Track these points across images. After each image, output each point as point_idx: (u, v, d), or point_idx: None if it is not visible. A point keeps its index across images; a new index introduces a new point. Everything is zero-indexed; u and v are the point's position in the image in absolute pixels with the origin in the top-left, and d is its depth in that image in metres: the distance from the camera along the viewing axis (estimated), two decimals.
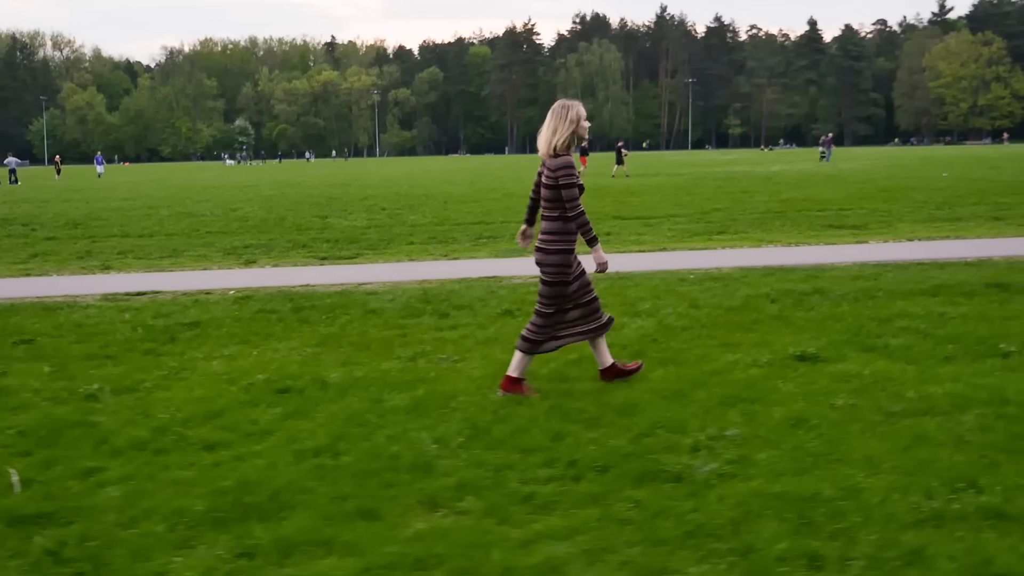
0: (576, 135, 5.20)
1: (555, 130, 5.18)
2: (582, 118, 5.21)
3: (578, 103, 5.29)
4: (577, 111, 5.21)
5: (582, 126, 5.21)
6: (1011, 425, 4.43)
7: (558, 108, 5.24)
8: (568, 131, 5.16)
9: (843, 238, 14.36)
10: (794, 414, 4.66)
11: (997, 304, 7.80)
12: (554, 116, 5.20)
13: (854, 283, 9.19)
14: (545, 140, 5.21)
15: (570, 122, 5.16)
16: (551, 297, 5.27)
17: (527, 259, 12.88)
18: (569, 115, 5.17)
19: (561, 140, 5.16)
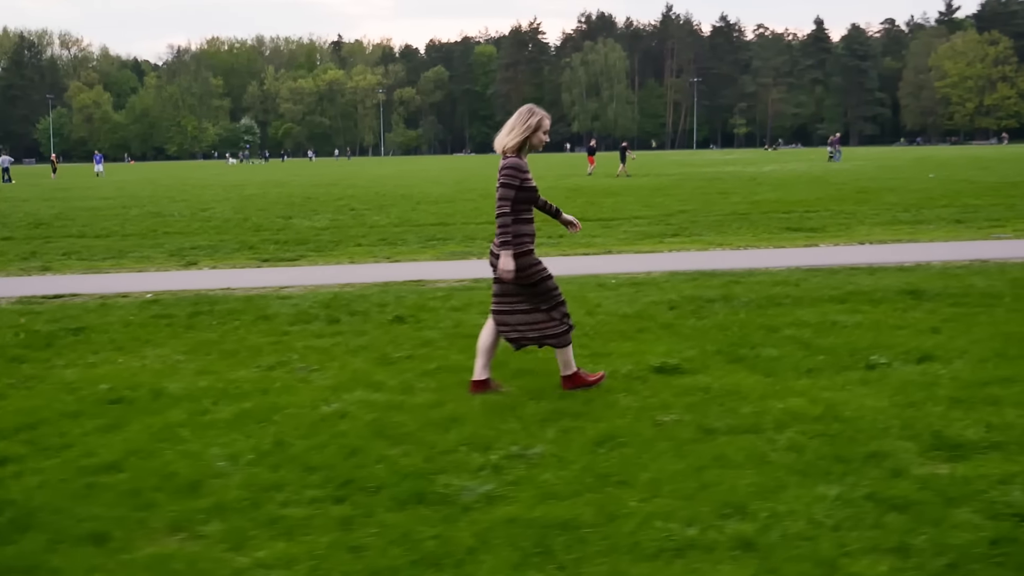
0: (530, 142, 5.19)
1: (511, 131, 5.18)
2: (542, 129, 5.20)
3: (544, 114, 5.26)
4: (539, 120, 5.19)
5: (538, 136, 5.20)
6: (824, 444, 4.26)
7: (524, 111, 5.24)
8: (522, 135, 5.15)
9: (795, 241, 14.17)
10: (609, 431, 4.49)
11: (900, 312, 7.61)
12: (516, 118, 5.21)
13: (770, 289, 9.01)
14: (499, 139, 5.22)
15: (527, 128, 5.15)
16: (545, 293, 5.24)
17: (461, 262, 12.78)
18: (529, 121, 5.16)
19: (513, 143, 5.15)
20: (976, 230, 15.10)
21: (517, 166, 5.11)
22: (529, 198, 5.20)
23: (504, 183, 5.08)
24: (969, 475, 3.84)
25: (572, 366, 5.35)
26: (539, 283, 5.24)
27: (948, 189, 24.33)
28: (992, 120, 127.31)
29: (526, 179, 5.15)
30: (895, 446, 4.22)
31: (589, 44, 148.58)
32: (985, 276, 9.53)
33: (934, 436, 4.31)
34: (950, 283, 9.08)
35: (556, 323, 5.26)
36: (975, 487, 3.69)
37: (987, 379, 5.36)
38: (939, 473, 3.89)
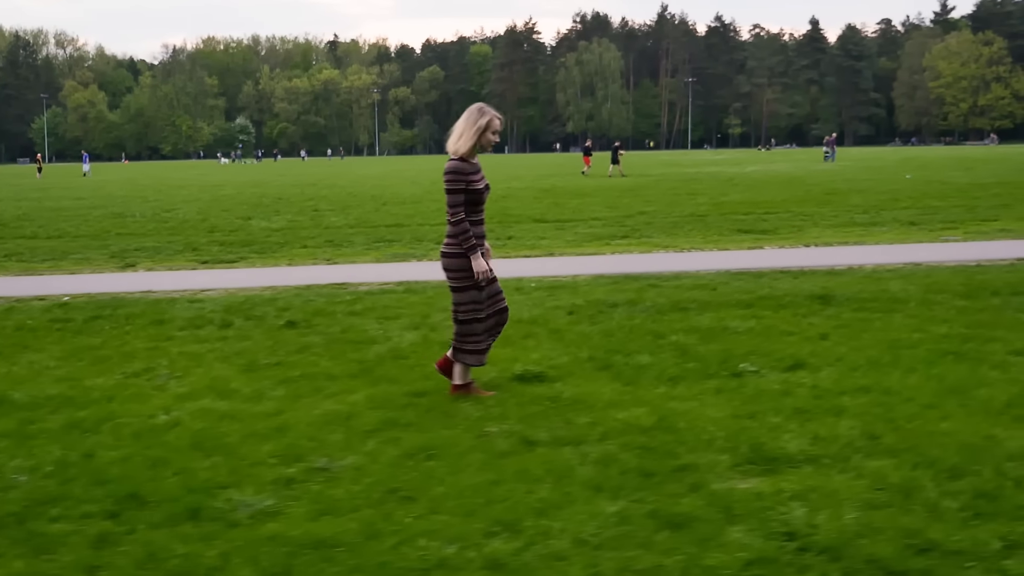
0: (479, 143, 5.12)
1: (461, 133, 5.11)
2: (491, 129, 5.13)
3: (494, 115, 5.18)
4: (489, 121, 5.12)
5: (487, 137, 5.13)
6: (637, 458, 4.15)
7: (473, 111, 5.17)
8: (473, 137, 5.07)
9: (742, 243, 14.07)
10: (427, 443, 4.39)
11: (799, 317, 7.51)
12: (465, 119, 5.14)
13: (684, 293, 8.92)
14: (450, 141, 5.15)
15: (477, 129, 5.09)
16: (464, 304, 5.17)
17: (398, 264, 12.68)
18: (479, 122, 5.09)
19: (465, 144, 5.07)
20: (928, 232, 15.01)
21: (459, 170, 5.05)
22: (476, 200, 5.14)
23: (451, 189, 5.03)
24: (766, 491, 3.74)
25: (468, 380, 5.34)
26: (463, 290, 5.16)
27: (917, 190, 24.24)
28: (986, 120, 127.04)
29: (472, 181, 5.08)
30: (709, 459, 4.12)
31: (584, 44, 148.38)
32: (906, 280, 9.43)
33: (753, 449, 4.20)
34: (866, 287, 8.99)
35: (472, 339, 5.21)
36: (764, 504, 3.59)
37: (845, 388, 5.26)
38: (737, 488, 3.78)
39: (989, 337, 6.53)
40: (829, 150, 55.94)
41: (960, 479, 3.82)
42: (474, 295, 5.16)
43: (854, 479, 3.85)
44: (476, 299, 5.17)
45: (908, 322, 7.19)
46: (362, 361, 6.17)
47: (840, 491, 3.71)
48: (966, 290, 8.60)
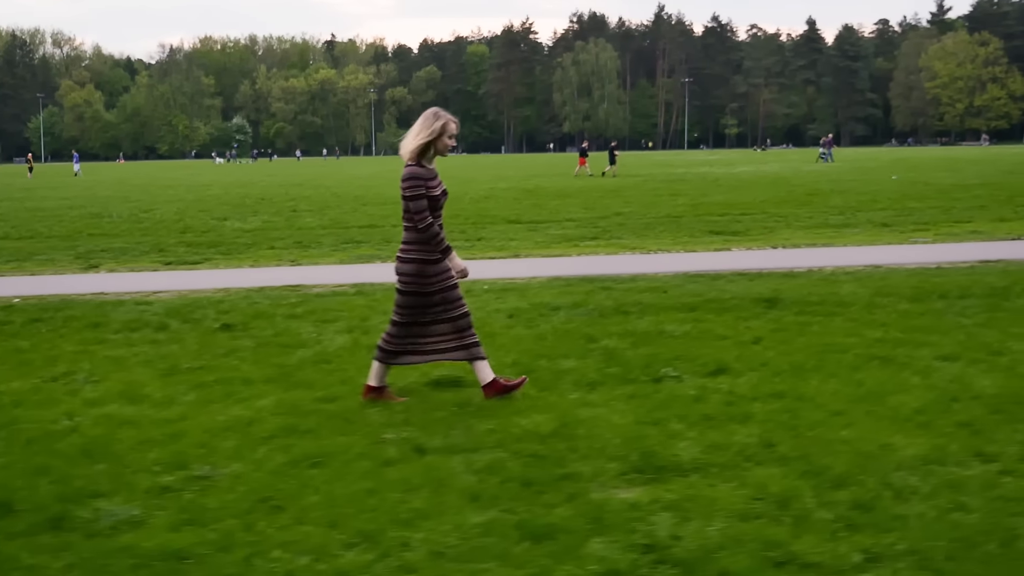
0: (435, 147, 5.06)
1: (416, 136, 5.04)
2: (447, 133, 5.06)
3: (450, 118, 5.11)
4: (444, 124, 5.05)
5: (443, 141, 5.06)
6: (525, 466, 4.09)
7: (428, 115, 5.10)
8: (427, 139, 5.01)
9: (710, 245, 14.02)
10: (319, 450, 4.33)
11: (739, 321, 7.45)
12: (420, 122, 5.08)
13: (633, 295, 8.86)
14: (404, 145, 5.08)
15: (432, 133, 5.01)
16: (404, 307, 5.11)
17: (360, 266, 12.62)
18: (433, 126, 5.02)
19: (417, 146, 5.00)
20: (899, 234, 14.96)
21: (417, 175, 4.99)
22: (434, 205, 5.06)
23: (411, 195, 4.96)
24: (642, 501, 3.68)
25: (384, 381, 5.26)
26: (431, 295, 5.08)
27: (898, 191, 24.18)
28: (982, 121, 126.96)
29: (430, 187, 5.02)
30: (596, 468, 4.06)
31: (580, 44, 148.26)
32: (859, 283, 9.37)
33: (644, 457, 4.14)
34: (817, 290, 8.92)
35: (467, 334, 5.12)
36: (635, 514, 3.53)
37: (759, 394, 5.20)
38: (615, 498, 3.72)
39: (922, 342, 6.48)
40: (826, 150, 55.98)
41: (842, 489, 3.75)
42: (416, 300, 5.09)
43: (736, 488, 3.79)
44: (418, 304, 5.11)
45: (846, 326, 7.13)
46: (283, 366, 6.10)
47: (718, 501, 3.65)
48: (915, 293, 8.54)
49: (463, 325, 5.13)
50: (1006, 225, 15.79)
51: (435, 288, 5.07)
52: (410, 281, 5.07)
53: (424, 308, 5.10)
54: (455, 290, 5.15)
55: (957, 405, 4.89)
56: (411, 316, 5.13)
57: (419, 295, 5.07)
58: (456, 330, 5.13)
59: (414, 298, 5.09)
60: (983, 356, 6.01)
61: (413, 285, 5.06)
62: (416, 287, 5.06)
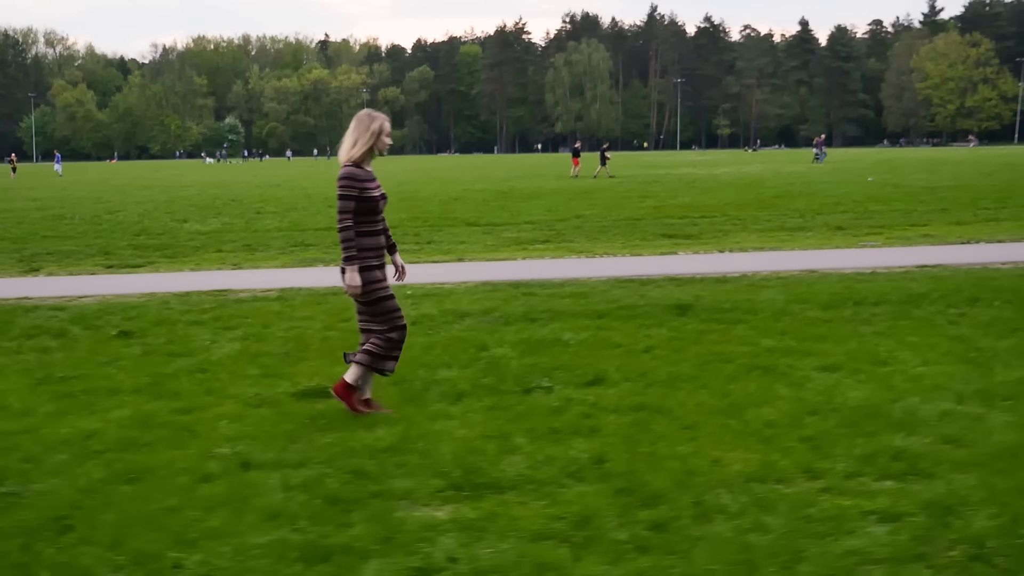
0: (375, 148, 5.00)
1: (355, 141, 4.98)
2: (384, 132, 5.01)
3: (384, 117, 5.05)
4: (380, 124, 4.99)
5: (382, 140, 5.01)
6: (342, 483, 4.02)
7: (363, 117, 5.04)
8: (367, 143, 4.95)
9: (659, 248, 13.98)
10: (146, 465, 4.26)
11: (643, 328, 7.38)
12: (356, 126, 5.01)
13: (553, 301, 8.80)
14: (344, 149, 5.01)
15: (371, 134, 4.96)
16: (380, 314, 5.02)
17: (299, 270, 12.53)
18: (371, 127, 4.97)
19: (359, 151, 4.95)
20: (852, 237, 14.90)
21: (353, 176, 4.91)
22: (371, 208, 4.98)
23: (343, 195, 4.89)
24: (442, 520, 3.61)
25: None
26: (376, 302, 5.01)
27: (866, 194, 24.12)
28: (973, 122, 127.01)
29: (366, 188, 4.94)
30: (416, 484, 3.98)
31: (573, 44, 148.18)
32: (781, 289, 9.30)
33: (468, 473, 4.07)
34: (735, 296, 8.86)
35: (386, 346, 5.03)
36: (425, 535, 3.47)
37: (621, 406, 5.14)
38: (415, 517, 3.65)
39: (811, 351, 6.41)
40: (819, 151, 56.13)
41: (651, 508, 3.68)
42: (388, 305, 5.02)
43: (545, 507, 3.72)
44: (389, 308, 5.03)
45: (745, 334, 7.06)
46: (159, 375, 6.03)
47: (519, 520, 3.58)
48: (831, 300, 8.48)
49: (396, 339, 5.06)
50: (960, 229, 15.73)
51: (374, 297, 5.00)
52: (368, 290, 4.98)
53: (393, 311, 5.06)
54: (392, 300, 5.08)
55: (812, 419, 4.82)
56: (389, 321, 5.05)
57: (381, 300, 5.02)
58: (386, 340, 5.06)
59: (379, 304, 5.02)
60: (866, 366, 5.95)
61: (370, 294, 4.97)
62: (374, 294, 4.98)
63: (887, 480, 3.95)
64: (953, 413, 4.86)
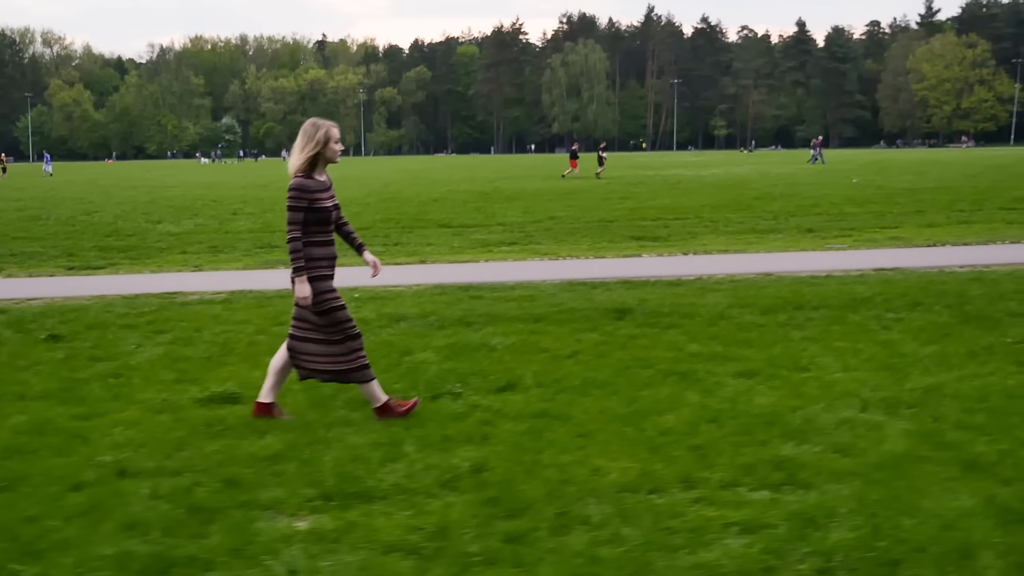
0: (323, 156, 4.94)
1: (301, 150, 4.92)
2: (332, 140, 4.94)
3: (331, 125, 4.99)
4: (326, 132, 4.93)
5: (331, 148, 4.95)
6: (215, 492, 3.97)
7: (308, 127, 4.98)
8: (313, 151, 4.88)
9: (624, 251, 13.93)
10: (20, 474, 4.21)
11: (577, 333, 7.34)
12: (301, 136, 4.96)
13: (498, 305, 8.75)
14: (291, 162, 4.95)
15: (316, 143, 4.90)
16: (337, 323, 4.96)
17: (255, 272, 12.48)
18: (316, 136, 4.91)
19: (305, 160, 4.88)
20: (820, 240, 14.87)
21: (302, 187, 4.85)
22: (323, 219, 4.92)
23: (292, 206, 4.84)
24: (299, 532, 3.57)
25: (381, 397, 5.06)
26: (329, 312, 4.95)
27: (845, 196, 24.07)
28: (969, 123, 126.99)
29: (316, 199, 4.88)
30: (288, 494, 3.95)
31: (569, 45, 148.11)
32: (728, 292, 9.26)
33: (344, 482, 4.03)
34: (679, 300, 8.82)
35: (353, 357, 4.98)
36: (275, 548, 3.42)
37: (524, 413, 5.09)
38: (274, 529, 3.61)
39: (735, 356, 6.37)
40: (816, 152, 56.21)
41: (515, 519, 3.64)
42: (342, 314, 4.97)
43: (408, 518, 3.67)
44: (342, 318, 4.98)
45: (675, 339, 7.02)
46: (72, 380, 5.98)
47: (378, 532, 3.54)
48: (772, 304, 8.44)
49: (355, 347, 5.01)
50: (930, 231, 15.69)
51: (326, 308, 4.95)
52: (317, 303, 4.92)
53: (344, 322, 5.00)
54: (344, 310, 5.03)
55: (708, 426, 4.78)
56: (344, 331, 4.99)
57: (335, 310, 4.96)
58: (347, 351, 5.00)
59: (333, 314, 4.96)
60: (784, 372, 5.91)
61: (322, 305, 4.92)
62: (326, 305, 4.93)
63: (763, 490, 3.91)
64: (853, 421, 4.82)
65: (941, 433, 4.57)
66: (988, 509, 3.62)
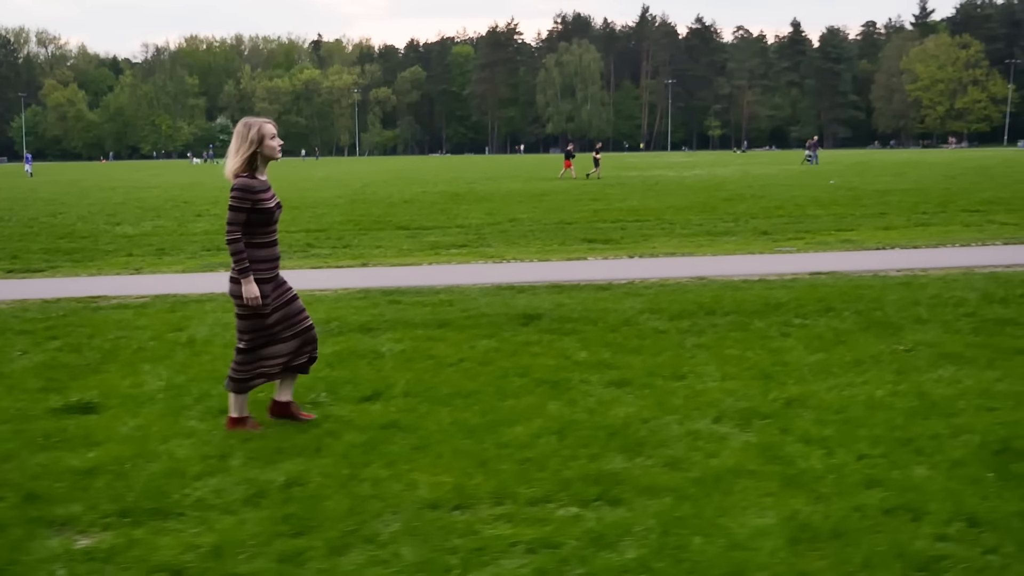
0: (261, 155, 4.83)
1: (235, 152, 4.83)
2: (267, 136, 4.83)
3: (264, 121, 4.88)
4: (259, 130, 4.82)
5: (268, 145, 4.83)
6: (8, 508, 3.86)
7: (240, 127, 4.87)
8: (248, 151, 4.79)
9: (572, 254, 13.84)
10: None
11: (470, 340, 7.23)
12: (235, 137, 4.86)
13: (414, 310, 8.65)
14: (227, 165, 4.86)
15: (251, 142, 4.80)
16: (246, 331, 4.88)
17: (184, 276, 12.38)
18: (250, 135, 4.80)
19: (239, 162, 4.79)
20: (772, 242, 14.78)
21: (246, 187, 4.76)
22: (266, 220, 4.85)
23: (235, 207, 4.76)
24: (76, 550, 3.47)
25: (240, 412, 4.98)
26: (249, 318, 4.87)
27: (812, 197, 23.96)
28: (963, 123, 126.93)
29: (261, 199, 4.79)
30: (86, 509, 3.85)
31: (564, 45, 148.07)
32: (647, 297, 9.17)
33: (147, 496, 3.94)
34: (594, 305, 8.72)
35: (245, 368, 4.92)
36: (46, 567, 3.31)
37: (373, 424, 5.00)
38: (48, 546, 3.51)
39: (617, 364, 6.28)
40: (811, 152, 56.37)
41: (301, 537, 3.54)
42: (257, 323, 4.87)
43: (193, 536, 3.58)
44: (259, 327, 4.88)
45: (568, 346, 6.92)
46: None
47: (155, 551, 3.45)
48: (685, 309, 8.34)
49: (310, 338, 4.99)
50: (884, 234, 15.60)
51: (272, 307, 4.87)
52: (237, 299, 4.84)
53: (265, 330, 4.89)
54: (295, 303, 4.98)
55: (550, 439, 4.68)
56: (253, 340, 4.90)
57: (257, 317, 4.86)
58: (306, 341, 4.99)
59: (253, 321, 4.87)
60: (659, 381, 5.81)
61: (250, 307, 4.83)
62: (252, 309, 4.83)
63: (571, 507, 3.81)
64: (698, 433, 4.72)
65: (781, 446, 4.47)
66: (785, 527, 3.52)
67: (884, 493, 3.83)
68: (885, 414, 4.96)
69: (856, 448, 4.44)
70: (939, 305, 8.26)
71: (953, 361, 6.13)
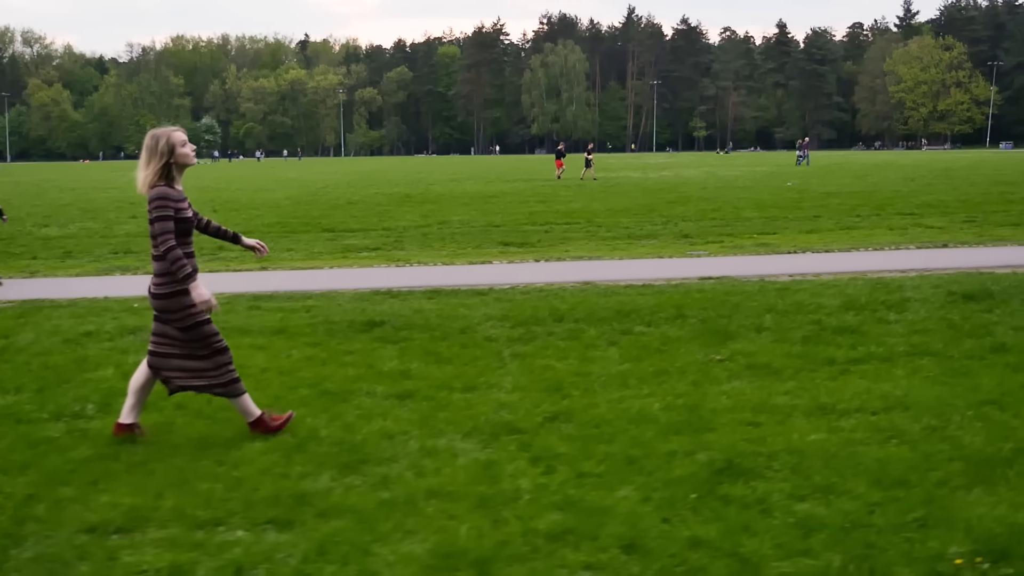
0: (176, 164, 4.72)
1: (146, 165, 4.70)
2: (177, 145, 4.71)
3: (172, 131, 4.76)
4: (168, 140, 4.69)
5: (180, 153, 4.72)
6: None
7: (148, 140, 4.75)
8: (160, 163, 4.66)
9: (483, 257, 13.71)
10: None
11: (292, 348, 7.07)
12: (144, 150, 4.74)
13: (269, 315, 8.54)
14: (141, 178, 4.72)
15: (161, 154, 4.68)
16: (201, 338, 4.77)
17: (82, 279, 12.20)
18: (159, 147, 4.68)
19: (153, 174, 4.67)
20: (689, 246, 14.66)
21: (165, 195, 4.63)
22: (186, 230, 4.73)
23: (159, 216, 4.61)
24: None
25: (254, 412, 4.90)
26: (194, 327, 4.75)
27: (757, 200, 23.88)
28: (946, 125, 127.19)
29: (180, 209, 4.68)
30: None
31: (549, 46, 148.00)
32: (506, 303, 9.00)
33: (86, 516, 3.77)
34: (455, 311, 8.56)
35: (221, 372, 4.81)
36: None
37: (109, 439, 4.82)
38: None
39: (419, 375, 6.13)
40: (802, 153, 57.03)
41: None
42: (210, 328, 4.79)
43: None
44: (212, 331, 4.80)
45: (387, 355, 6.76)
46: None
47: None
48: (536, 315, 8.19)
49: (223, 361, 4.84)
50: (804, 237, 15.50)
51: (191, 323, 4.74)
52: (181, 317, 4.73)
53: (181, 342, 4.79)
54: (209, 324, 4.83)
55: (277, 455, 4.52)
56: (213, 341, 4.82)
57: (200, 324, 4.76)
58: (215, 366, 4.83)
59: (198, 329, 4.77)
60: (444, 393, 5.65)
61: (188, 319, 4.73)
62: (192, 320, 4.73)
63: (239, 531, 3.65)
64: (432, 449, 4.57)
65: (505, 464, 4.32)
66: (432, 555, 3.36)
67: (565, 516, 3.67)
68: (640, 429, 4.81)
69: (581, 467, 4.28)
70: (793, 312, 8.12)
71: (756, 372, 5.99)
